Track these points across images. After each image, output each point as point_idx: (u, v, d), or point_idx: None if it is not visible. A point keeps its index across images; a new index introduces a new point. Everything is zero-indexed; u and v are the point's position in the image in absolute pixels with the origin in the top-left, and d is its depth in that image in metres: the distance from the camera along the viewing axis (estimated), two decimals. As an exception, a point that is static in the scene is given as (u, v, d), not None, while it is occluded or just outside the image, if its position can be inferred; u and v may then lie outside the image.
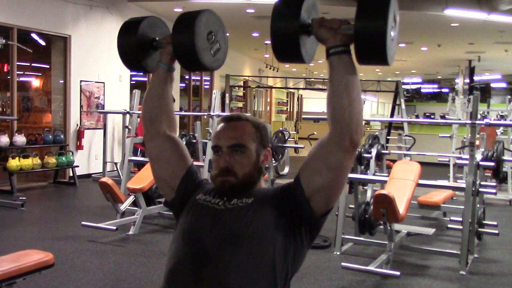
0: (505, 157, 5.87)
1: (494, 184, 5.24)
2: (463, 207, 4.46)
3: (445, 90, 25.42)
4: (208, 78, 14.29)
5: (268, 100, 20.61)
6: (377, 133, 5.70)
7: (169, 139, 1.63)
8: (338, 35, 1.35)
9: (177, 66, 1.65)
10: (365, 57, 1.34)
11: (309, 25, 1.38)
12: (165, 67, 1.61)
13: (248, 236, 1.40)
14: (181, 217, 1.56)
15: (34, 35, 8.12)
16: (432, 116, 14.52)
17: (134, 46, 1.61)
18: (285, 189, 1.49)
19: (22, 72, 8.72)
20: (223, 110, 9.98)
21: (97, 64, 9.01)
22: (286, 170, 10.33)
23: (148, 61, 1.66)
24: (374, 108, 25.62)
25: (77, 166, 8.26)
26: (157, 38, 1.64)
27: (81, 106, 8.71)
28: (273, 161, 7.19)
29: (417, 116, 16.53)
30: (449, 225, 5.29)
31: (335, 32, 1.35)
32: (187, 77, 12.99)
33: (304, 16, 1.37)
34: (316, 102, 21.62)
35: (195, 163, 5.98)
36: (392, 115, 13.05)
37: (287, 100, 23.00)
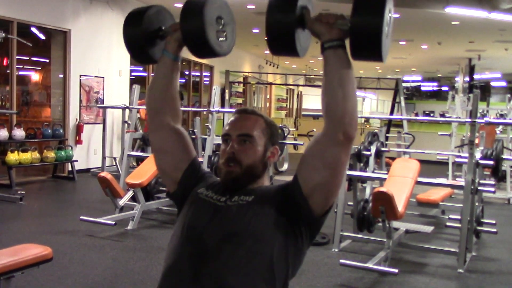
0: (504, 156, 5.88)
1: (493, 182, 5.25)
2: (461, 205, 4.46)
3: (445, 88, 25.42)
4: (208, 74, 14.28)
5: (268, 96, 20.60)
6: (376, 130, 5.70)
7: (173, 131, 1.61)
8: (333, 29, 1.34)
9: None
10: (360, 53, 1.34)
11: (303, 18, 1.38)
12: (170, 56, 1.57)
13: (247, 235, 1.40)
14: (182, 211, 1.56)
15: (33, 29, 8.10)
16: (431, 114, 14.49)
17: (140, 36, 1.57)
18: (284, 188, 1.49)
19: (21, 66, 8.71)
20: (222, 106, 9.98)
21: (97, 58, 8.99)
22: (285, 166, 10.33)
23: (155, 51, 1.61)
24: (373, 106, 25.62)
25: (76, 161, 8.26)
26: (163, 27, 1.60)
27: (80, 101, 8.69)
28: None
29: (416, 114, 16.52)
30: (448, 223, 5.30)
31: (331, 26, 1.35)
32: (187, 72, 12.98)
33: (299, 10, 1.36)
34: (315, 99, 21.59)
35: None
36: (391, 112, 13.07)
37: (287, 97, 22.99)
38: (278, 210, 1.44)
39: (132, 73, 10.42)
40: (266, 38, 1.39)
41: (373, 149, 5.16)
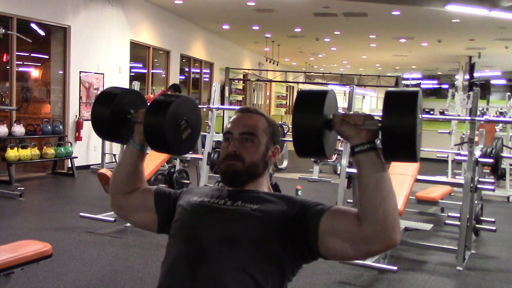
0: (504, 154, 5.88)
1: (492, 180, 5.25)
2: (461, 203, 4.47)
3: (445, 86, 25.43)
4: (208, 71, 14.27)
5: (268, 93, 20.59)
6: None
7: (126, 198, 1.67)
8: (362, 131, 1.30)
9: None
10: (393, 155, 1.30)
11: (331, 120, 1.34)
12: (137, 147, 1.62)
13: (246, 239, 1.39)
14: (176, 216, 1.55)
15: (33, 25, 8.09)
16: (431, 112, 14.50)
17: (108, 118, 1.61)
18: (296, 215, 1.41)
19: (21, 62, 8.69)
20: (222, 103, 9.97)
21: (97, 55, 8.99)
22: (285, 164, 10.33)
23: (123, 132, 1.66)
24: (373, 103, 25.64)
25: (76, 157, 8.26)
26: (132, 112, 1.64)
27: (80, 97, 8.69)
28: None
29: (416, 112, 16.45)
30: (447, 221, 5.31)
31: (359, 128, 1.30)
32: (186, 69, 12.97)
33: (326, 112, 1.33)
34: (315, 97, 21.54)
35: (194, 156, 6.00)
36: (391, 110, 13.02)
37: (287, 94, 22.98)
38: (283, 230, 1.40)
39: (132, 70, 10.41)
40: (293, 141, 1.36)
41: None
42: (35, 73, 9.68)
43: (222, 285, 1.34)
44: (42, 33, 8.45)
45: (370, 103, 24.99)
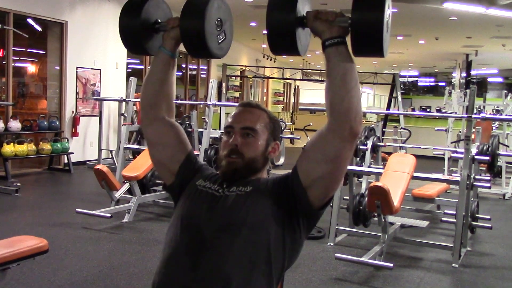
0: (500, 151, 5.90)
1: (489, 178, 5.26)
2: (457, 200, 4.48)
3: (441, 83, 25.45)
4: (205, 67, 14.24)
5: (265, 90, 20.56)
6: (373, 125, 5.71)
7: (168, 124, 1.62)
8: (333, 27, 1.35)
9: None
10: (361, 49, 1.34)
11: (304, 17, 1.38)
12: (168, 53, 1.58)
13: (244, 225, 1.41)
14: (179, 202, 1.56)
15: (30, 20, 8.05)
16: (428, 110, 14.52)
17: (137, 28, 1.56)
18: (283, 180, 1.49)
19: (17, 58, 8.66)
20: (219, 99, 9.96)
21: (94, 50, 8.96)
22: (282, 160, 10.33)
23: (150, 44, 1.61)
24: (370, 101, 25.63)
25: (72, 153, 8.24)
26: (159, 20, 1.60)
27: (76, 93, 8.67)
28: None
29: (413, 109, 16.53)
30: (443, 218, 5.32)
31: (331, 24, 1.35)
32: (183, 65, 12.94)
33: (299, 9, 1.36)
34: (312, 93, 21.60)
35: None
36: (388, 107, 13.08)
37: (284, 91, 22.95)
38: (276, 201, 1.45)
39: (129, 66, 10.39)
40: (267, 38, 1.38)
41: (369, 143, 5.16)
42: (31, 68, 9.66)
43: (224, 273, 1.35)
44: (38, 28, 8.41)
45: (367, 100, 24.98)
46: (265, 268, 1.39)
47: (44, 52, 8.88)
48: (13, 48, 7.55)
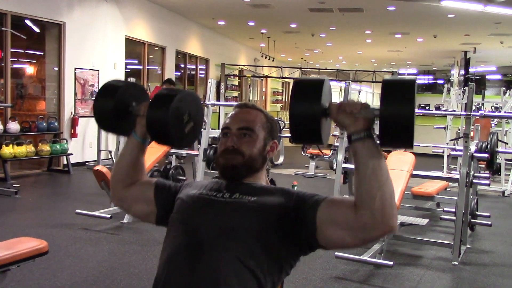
0: (499, 149, 5.90)
1: (488, 175, 5.27)
2: (456, 198, 4.48)
3: (440, 81, 25.46)
4: (204, 67, 14.24)
5: (264, 89, 20.56)
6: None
7: (132, 186, 1.67)
8: (359, 120, 1.30)
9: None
10: (390, 142, 1.31)
11: (327, 109, 1.34)
12: (138, 139, 1.62)
13: (244, 232, 1.40)
14: (174, 213, 1.55)
15: (28, 22, 8.05)
16: (427, 107, 14.51)
17: (110, 112, 1.60)
18: (293, 206, 1.42)
19: (16, 59, 8.65)
20: (218, 99, 9.95)
21: (92, 51, 8.95)
22: (281, 159, 10.34)
23: (123, 125, 1.65)
24: (369, 99, 25.63)
25: (71, 154, 8.24)
26: (134, 104, 1.63)
27: (75, 94, 8.66)
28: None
29: (412, 107, 16.48)
30: (442, 216, 5.32)
31: (355, 117, 1.30)
32: (182, 65, 12.94)
33: (323, 100, 1.33)
34: (311, 92, 21.50)
35: (190, 152, 6.00)
36: (387, 105, 13.02)
37: (283, 90, 22.95)
38: (280, 222, 1.41)
39: (127, 66, 10.38)
40: (290, 129, 1.36)
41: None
42: (29, 69, 9.65)
43: (221, 277, 1.35)
44: (36, 29, 8.41)
45: (366, 98, 24.99)
46: (260, 277, 1.38)
47: (42, 53, 8.88)
48: (11, 50, 7.55)
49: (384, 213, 1.27)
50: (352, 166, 4.91)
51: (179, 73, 12.90)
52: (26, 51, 9.32)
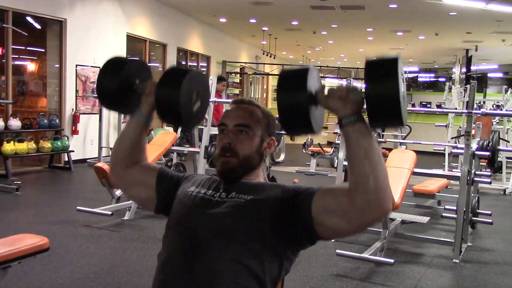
0: (500, 147, 5.89)
1: (489, 173, 5.26)
2: (457, 196, 4.48)
3: (441, 79, 25.45)
4: (205, 64, 14.23)
5: (265, 87, 20.57)
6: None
7: (133, 167, 1.65)
8: (348, 104, 1.29)
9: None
10: (379, 121, 1.30)
11: (315, 96, 1.34)
12: (143, 118, 1.60)
13: (242, 232, 1.39)
14: (173, 211, 1.55)
15: (29, 18, 8.05)
16: (428, 105, 14.52)
17: (114, 89, 1.57)
18: (289, 201, 1.43)
19: (17, 56, 8.65)
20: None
21: (93, 48, 8.95)
22: (282, 157, 10.34)
23: (126, 103, 1.63)
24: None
25: (72, 151, 8.25)
26: (137, 82, 1.61)
27: (76, 91, 8.66)
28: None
29: (413, 105, 16.53)
30: (444, 214, 5.32)
31: (344, 101, 1.30)
32: (183, 63, 12.93)
33: (310, 88, 1.33)
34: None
35: (191, 149, 5.99)
36: (388, 103, 13.02)
37: (284, 87, 22.93)
38: (277, 215, 1.41)
39: (129, 63, 10.36)
40: (280, 119, 1.35)
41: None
42: (31, 66, 9.65)
43: (218, 277, 1.35)
44: (38, 26, 8.40)
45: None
46: (259, 276, 1.38)
47: (43, 50, 8.87)
48: (12, 46, 7.55)
49: (378, 195, 1.27)
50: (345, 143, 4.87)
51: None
52: (28, 48, 9.32)
